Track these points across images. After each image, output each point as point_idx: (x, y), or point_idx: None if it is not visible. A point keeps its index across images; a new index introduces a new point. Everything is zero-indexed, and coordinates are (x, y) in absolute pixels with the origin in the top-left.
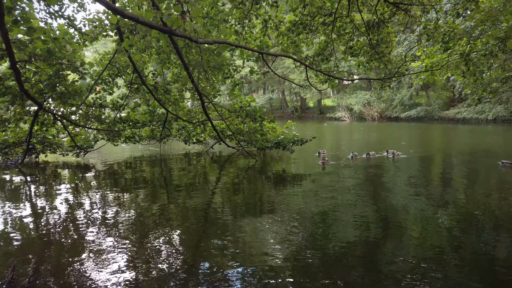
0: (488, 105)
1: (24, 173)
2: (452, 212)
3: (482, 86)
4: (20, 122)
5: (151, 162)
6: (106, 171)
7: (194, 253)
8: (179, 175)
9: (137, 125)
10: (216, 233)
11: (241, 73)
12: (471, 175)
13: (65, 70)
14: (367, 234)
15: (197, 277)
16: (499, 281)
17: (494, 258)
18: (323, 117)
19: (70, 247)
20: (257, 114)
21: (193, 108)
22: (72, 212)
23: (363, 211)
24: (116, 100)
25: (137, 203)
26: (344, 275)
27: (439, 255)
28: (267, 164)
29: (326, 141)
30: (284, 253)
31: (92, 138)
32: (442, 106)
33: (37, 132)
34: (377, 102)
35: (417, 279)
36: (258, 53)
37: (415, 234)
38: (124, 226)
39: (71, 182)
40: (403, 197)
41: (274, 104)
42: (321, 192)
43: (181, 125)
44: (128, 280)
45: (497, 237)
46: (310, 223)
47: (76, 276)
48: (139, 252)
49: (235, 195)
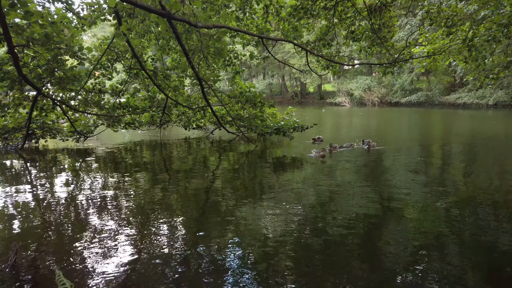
0: (489, 90)
1: (25, 158)
2: (452, 197)
3: (484, 72)
4: (19, 107)
5: (151, 148)
6: (106, 156)
7: (195, 236)
8: (179, 160)
9: (136, 111)
10: (217, 216)
11: (241, 59)
12: (469, 161)
13: (63, 55)
14: (367, 217)
15: (198, 259)
16: (498, 264)
17: (493, 242)
18: (323, 103)
19: (71, 231)
20: (257, 99)
21: (193, 93)
22: (73, 196)
23: (363, 196)
24: (116, 86)
25: (138, 187)
26: (343, 257)
27: (438, 239)
28: (267, 150)
29: (321, 128)
30: (284, 236)
31: (92, 124)
32: (443, 91)
33: (36, 117)
34: (378, 87)
35: (416, 262)
36: (258, 38)
37: (415, 217)
38: (125, 209)
39: (71, 167)
40: (403, 182)
41: (274, 89)
42: (321, 177)
43: (181, 110)
44: (129, 263)
45: (496, 221)
46: (310, 207)
47: (78, 260)
48: (140, 235)
49: (235, 180)
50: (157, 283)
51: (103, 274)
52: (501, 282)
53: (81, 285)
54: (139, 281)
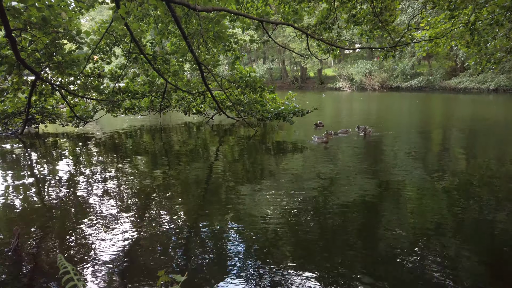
0: (490, 75)
1: (25, 143)
2: (451, 181)
3: (486, 57)
4: (18, 92)
5: (151, 133)
6: (107, 141)
7: (196, 220)
8: (179, 145)
9: (136, 95)
10: (217, 200)
11: (241, 44)
12: (469, 146)
13: (61, 38)
14: (366, 202)
15: (199, 243)
16: (496, 247)
17: (492, 226)
18: (323, 87)
19: (73, 215)
20: (257, 84)
21: (193, 78)
22: (74, 181)
23: (361, 181)
24: (115, 70)
25: (138, 172)
26: (342, 240)
27: (437, 222)
28: (267, 135)
29: (321, 113)
30: (283, 219)
31: (91, 109)
32: (444, 75)
33: (35, 102)
34: (379, 71)
35: (415, 245)
36: (258, 21)
37: (414, 201)
38: (125, 194)
39: (72, 152)
40: (402, 168)
41: (274, 74)
42: (320, 162)
43: (180, 95)
44: (131, 246)
45: (495, 205)
46: (309, 192)
47: (79, 244)
48: (141, 218)
49: (235, 164)
50: (159, 266)
51: (104, 258)
52: (500, 264)
53: (82, 269)
54: (140, 264)
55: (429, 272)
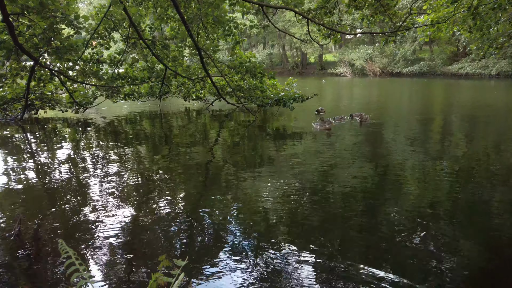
0: (492, 60)
1: (24, 129)
2: (450, 168)
3: (488, 42)
4: (16, 77)
5: (151, 119)
6: (107, 127)
7: (196, 205)
8: (179, 131)
9: (135, 81)
10: (217, 186)
11: (241, 29)
12: (469, 132)
13: (59, 23)
14: (365, 188)
15: (199, 228)
16: (495, 232)
17: (490, 212)
18: (324, 73)
19: (74, 201)
20: (257, 70)
21: (192, 64)
22: (75, 166)
23: (361, 166)
24: (114, 56)
25: (139, 159)
26: (341, 226)
27: (436, 209)
28: (267, 121)
29: (321, 99)
30: (283, 204)
31: (91, 95)
32: (446, 61)
33: (34, 88)
34: (380, 57)
35: (414, 232)
36: (258, 5)
37: (413, 187)
38: (126, 179)
39: (72, 138)
40: (402, 154)
41: (274, 59)
42: (321, 149)
43: (180, 81)
44: (131, 232)
45: (494, 191)
46: (309, 178)
47: (80, 229)
48: (142, 203)
49: (235, 151)
50: (159, 250)
51: (105, 243)
52: (498, 250)
53: (84, 254)
54: (141, 249)
55: (428, 255)
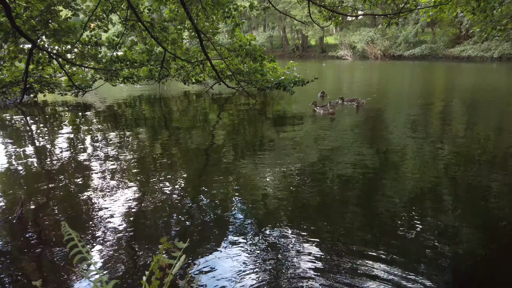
0: (494, 43)
1: (24, 112)
2: (450, 150)
3: (491, 24)
4: (15, 60)
5: (151, 102)
6: (106, 110)
7: (197, 188)
8: (179, 115)
9: (134, 64)
10: (217, 170)
11: (241, 11)
12: (469, 116)
13: (56, 5)
14: (365, 171)
15: (199, 212)
16: (493, 216)
17: (489, 196)
18: (324, 56)
19: (75, 184)
20: (257, 53)
21: (192, 47)
22: (75, 149)
23: (362, 151)
24: (112, 38)
25: (139, 142)
26: (340, 209)
27: (435, 192)
28: (267, 105)
29: (321, 83)
30: (283, 187)
31: (90, 78)
32: (448, 43)
33: (33, 71)
34: (381, 39)
35: (413, 215)
36: None
37: (413, 171)
38: (127, 162)
39: (71, 121)
40: (401, 137)
41: (275, 42)
42: (321, 133)
43: (179, 64)
44: (132, 214)
45: (493, 175)
46: (309, 161)
47: (82, 211)
48: (142, 187)
49: (235, 135)
50: (160, 234)
51: (107, 225)
52: (498, 234)
53: (86, 236)
54: (142, 231)
55: (427, 239)
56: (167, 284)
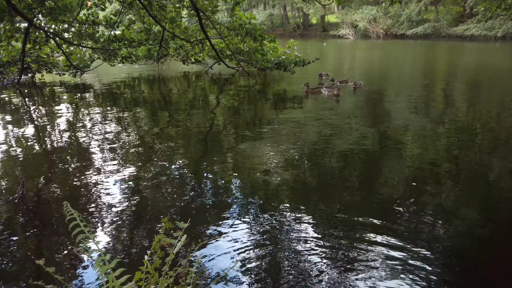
0: (498, 21)
1: (22, 93)
2: (451, 130)
3: (496, 2)
4: (11, 40)
5: (150, 83)
6: (105, 91)
7: (197, 169)
8: (178, 96)
9: (132, 44)
10: (218, 150)
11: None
12: (471, 97)
13: None
14: (366, 152)
15: (200, 192)
16: (492, 197)
17: (489, 177)
18: (326, 35)
19: (75, 164)
20: (257, 32)
21: (190, 26)
22: (74, 130)
23: (362, 131)
24: (109, 17)
25: (138, 123)
26: (340, 188)
27: (435, 171)
28: (267, 85)
29: (322, 63)
30: (284, 169)
31: (88, 58)
32: (451, 22)
33: (30, 50)
34: (384, 18)
35: (412, 195)
36: None
37: (413, 150)
38: (126, 144)
39: (70, 102)
40: (402, 118)
41: (275, 20)
42: (321, 113)
43: (178, 44)
44: (133, 193)
45: (495, 157)
46: (309, 142)
47: (83, 191)
48: (142, 168)
49: (235, 115)
50: (160, 212)
51: (108, 205)
52: (497, 213)
53: (87, 216)
54: (144, 211)
55: (427, 218)
56: (169, 263)
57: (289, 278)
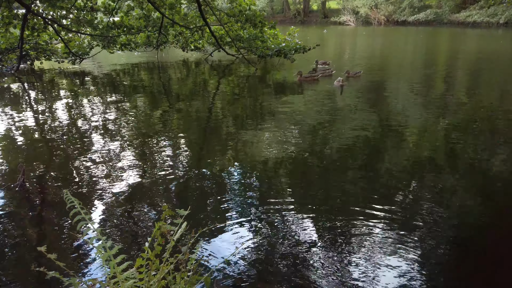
0: (501, 8)
1: (21, 80)
2: (452, 117)
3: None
4: (9, 26)
5: (149, 70)
6: (104, 78)
7: (197, 158)
8: (178, 83)
9: (131, 31)
10: (217, 138)
11: None
12: (472, 84)
13: None
14: (366, 140)
15: (200, 180)
16: (491, 184)
17: (489, 164)
18: (326, 21)
19: (75, 152)
20: (257, 19)
21: (190, 12)
22: (74, 118)
23: (363, 117)
24: (108, 3)
25: (138, 110)
26: (339, 176)
27: (435, 160)
28: (267, 73)
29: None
30: (284, 157)
31: (87, 45)
32: (453, 8)
33: (28, 37)
34: (385, 4)
35: (411, 181)
36: None
37: (414, 137)
38: (126, 132)
39: (69, 89)
40: (402, 107)
41: (275, 7)
42: (322, 101)
43: (177, 31)
44: (133, 181)
45: (494, 144)
46: (309, 130)
47: (83, 179)
48: (142, 155)
49: (235, 103)
50: (161, 201)
51: (108, 193)
52: (497, 201)
53: (88, 204)
54: (143, 198)
55: (425, 207)
56: (169, 250)
57: (289, 265)
